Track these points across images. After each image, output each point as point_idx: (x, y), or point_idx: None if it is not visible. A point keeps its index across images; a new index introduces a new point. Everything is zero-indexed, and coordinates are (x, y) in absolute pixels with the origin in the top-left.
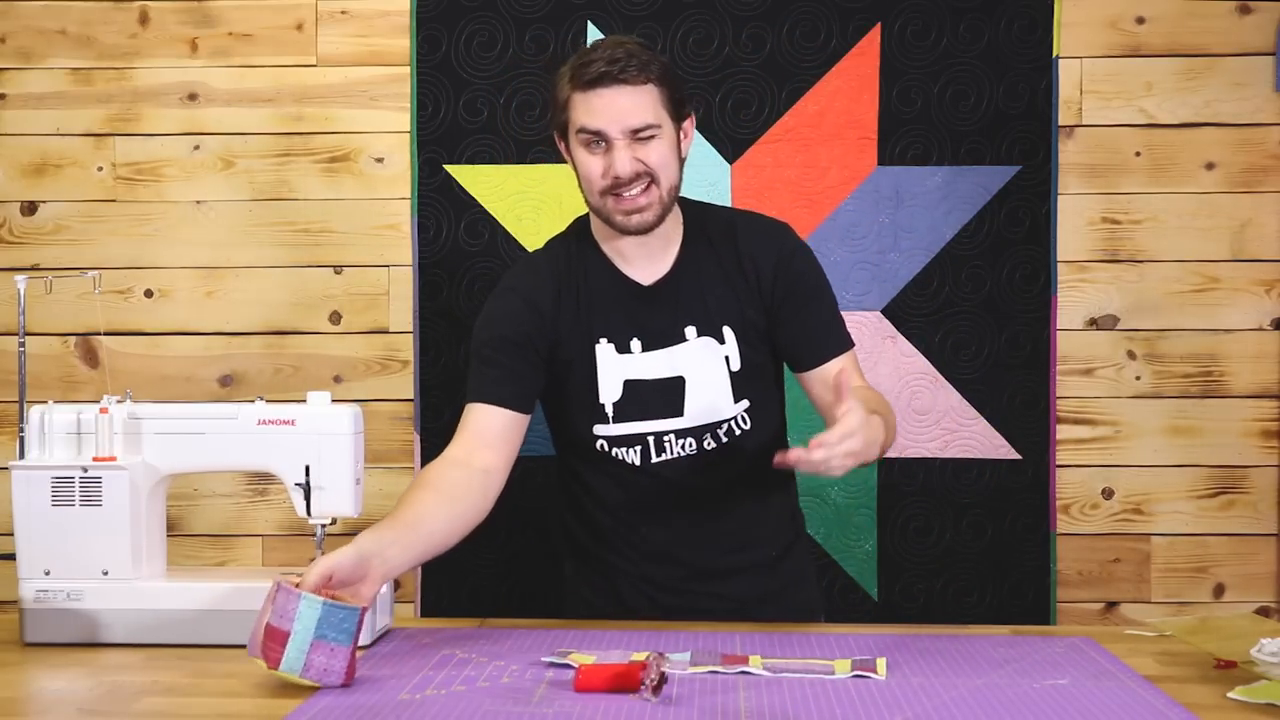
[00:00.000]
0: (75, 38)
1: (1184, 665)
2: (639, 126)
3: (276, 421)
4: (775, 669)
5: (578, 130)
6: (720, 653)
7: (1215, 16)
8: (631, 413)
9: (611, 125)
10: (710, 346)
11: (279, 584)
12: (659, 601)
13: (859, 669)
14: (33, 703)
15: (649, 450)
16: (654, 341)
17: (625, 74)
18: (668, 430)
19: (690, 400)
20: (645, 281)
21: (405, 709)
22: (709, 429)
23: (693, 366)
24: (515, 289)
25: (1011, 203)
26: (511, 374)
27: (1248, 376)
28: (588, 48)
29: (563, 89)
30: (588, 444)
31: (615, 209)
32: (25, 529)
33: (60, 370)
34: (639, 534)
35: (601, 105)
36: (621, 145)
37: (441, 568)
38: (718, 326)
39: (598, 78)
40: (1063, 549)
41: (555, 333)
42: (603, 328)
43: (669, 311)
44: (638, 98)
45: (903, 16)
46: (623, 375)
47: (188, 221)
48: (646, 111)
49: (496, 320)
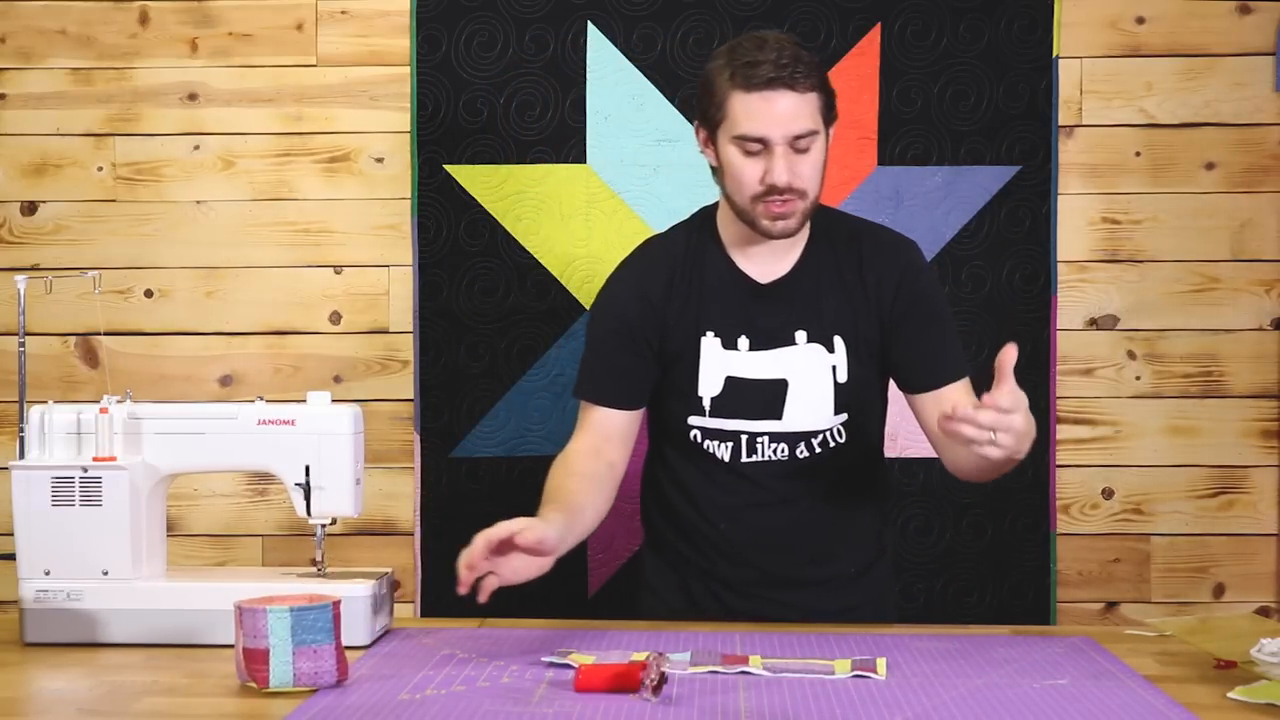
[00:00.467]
0: (75, 38)
1: (1184, 665)
2: (801, 133)
3: (276, 421)
4: (775, 669)
5: (737, 135)
6: (720, 652)
7: (1215, 16)
8: (729, 409)
9: (775, 131)
10: (818, 354)
11: (239, 606)
12: (727, 603)
13: (859, 669)
14: (33, 703)
15: (740, 449)
16: (762, 341)
17: (794, 79)
18: (762, 432)
19: (790, 405)
20: (762, 280)
21: (405, 709)
22: (804, 437)
23: (798, 371)
24: (627, 280)
25: (1011, 203)
26: (623, 371)
27: (1248, 376)
28: (749, 44)
29: (721, 85)
30: (682, 433)
31: (763, 213)
32: (25, 529)
33: (60, 370)
34: (719, 531)
35: (767, 111)
36: (780, 153)
37: (441, 568)
38: (829, 335)
39: (765, 82)
40: (1063, 549)
41: (664, 324)
42: (711, 321)
43: (782, 313)
44: (802, 105)
45: (903, 16)
46: (725, 371)
47: (188, 221)
48: (808, 118)
49: (608, 313)
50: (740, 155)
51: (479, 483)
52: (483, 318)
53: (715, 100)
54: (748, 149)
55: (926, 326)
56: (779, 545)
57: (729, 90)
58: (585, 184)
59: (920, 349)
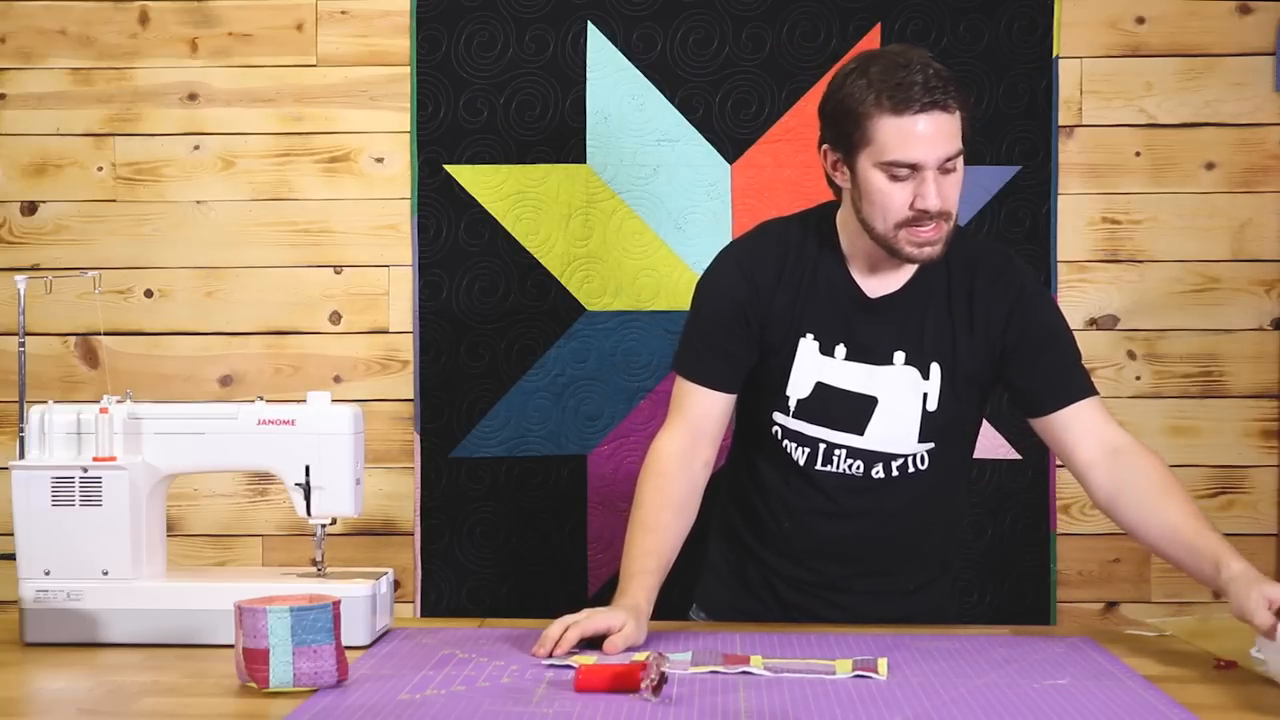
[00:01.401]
0: (75, 38)
1: (1184, 665)
2: (951, 155)
3: (276, 421)
4: (776, 669)
5: (887, 160)
6: (721, 652)
7: (1215, 16)
8: (814, 414)
9: (929, 155)
10: (913, 379)
11: (239, 606)
12: (780, 594)
13: (860, 669)
14: (33, 703)
15: (816, 456)
16: (860, 355)
17: (947, 102)
18: (841, 444)
19: (875, 423)
20: (871, 294)
21: (405, 709)
22: (883, 458)
23: (889, 392)
24: (739, 258)
25: (1011, 203)
26: (727, 355)
27: (1248, 376)
28: (893, 63)
29: (866, 106)
30: (764, 426)
31: (908, 239)
32: (25, 529)
33: (60, 370)
34: (782, 529)
35: (920, 135)
36: (932, 177)
37: (441, 568)
38: (927, 361)
39: (921, 105)
40: (1063, 549)
41: (768, 311)
42: (813, 323)
43: (884, 330)
44: (954, 126)
45: (903, 16)
46: (817, 376)
47: (188, 221)
48: (956, 139)
49: (716, 290)
50: (887, 181)
51: (479, 483)
52: (483, 318)
53: (860, 124)
54: (896, 174)
55: (1040, 352)
56: (837, 555)
57: (876, 114)
58: (585, 184)
59: (1035, 374)
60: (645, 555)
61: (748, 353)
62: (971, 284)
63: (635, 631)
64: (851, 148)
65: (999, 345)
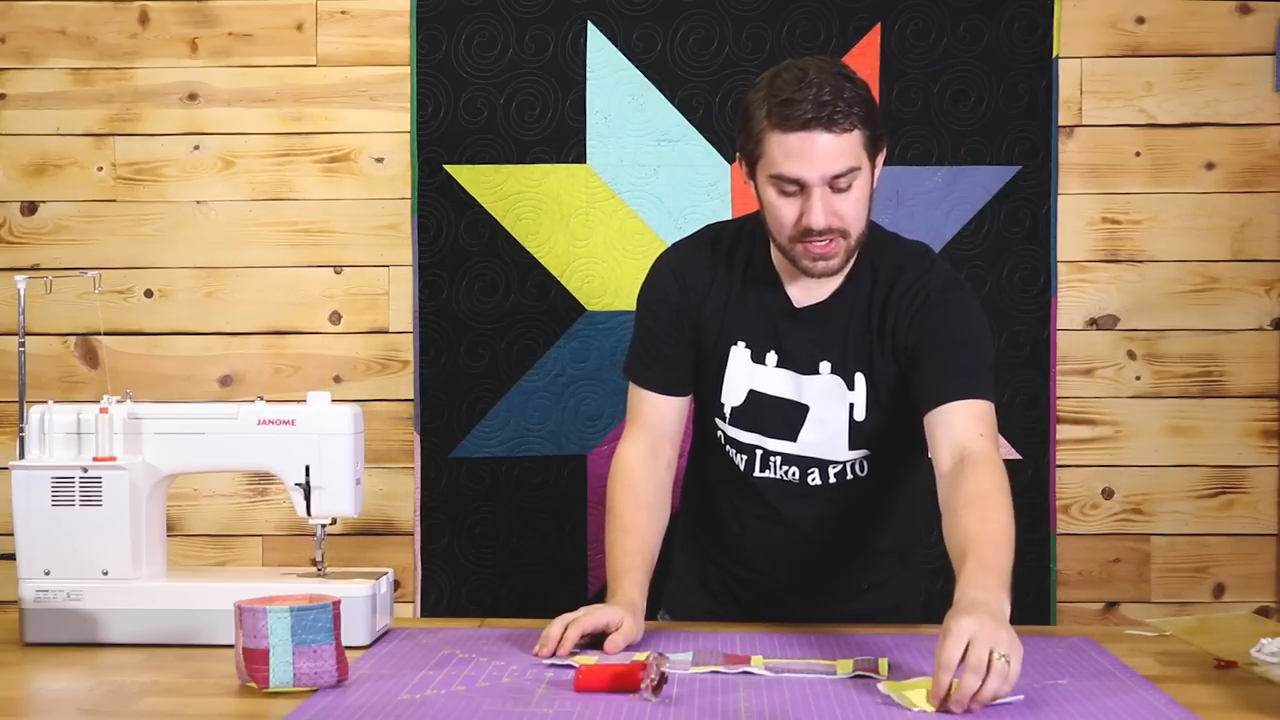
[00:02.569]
0: (75, 38)
1: (1184, 665)
2: (841, 172)
3: (276, 421)
4: (777, 669)
5: (773, 174)
6: (722, 652)
7: (1215, 16)
8: (748, 422)
9: (812, 174)
10: (839, 388)
11: (239, 606)
12: (740, 598)
13: (861, 669)
14: (33, 703)
15: (754, 462)
16: (789, 363)
17: (832, 120)
18: (776, 451)
19: (807, 431)
20: (799, 303)
21: (405, 709)
22: (818, 464)
23: (817, 401)
24: (673, 261)
25: (1011, 203)
26: (671, 360)
27: (1248, 376)
28: (789, 78)
29: (758, 120)
30: (711, 430)
31: (803, 254)
32: (25, 529)
33: (60, 370)
34: (733, 534)
35: (804, 152)
36: (818, 195)
37: (441, 568)
38: (851, 371)
39: (803, 123)
40: (1063, 549)
41: (700, 314)
42: (744, 331)
43: (811, 340)
44: (840, 145)
45: (903, 16)
46: (749, 384)
47: (188, 221)
48: (848, 157)
49: (652, 295)
50: (777, 195)
51: (479, 483)
52: (483, 318)
53: (752, 137)
54: (784, 189)
55: (930, 356)
56: (786, 559)
57: (765, 128)
58: (585, 184)
59: (920, 375)
60: (628, 555)
61: (689, 356)
62: (888, 293)
63: (633, 627)
64: (751, 159)
65: (903, 350)
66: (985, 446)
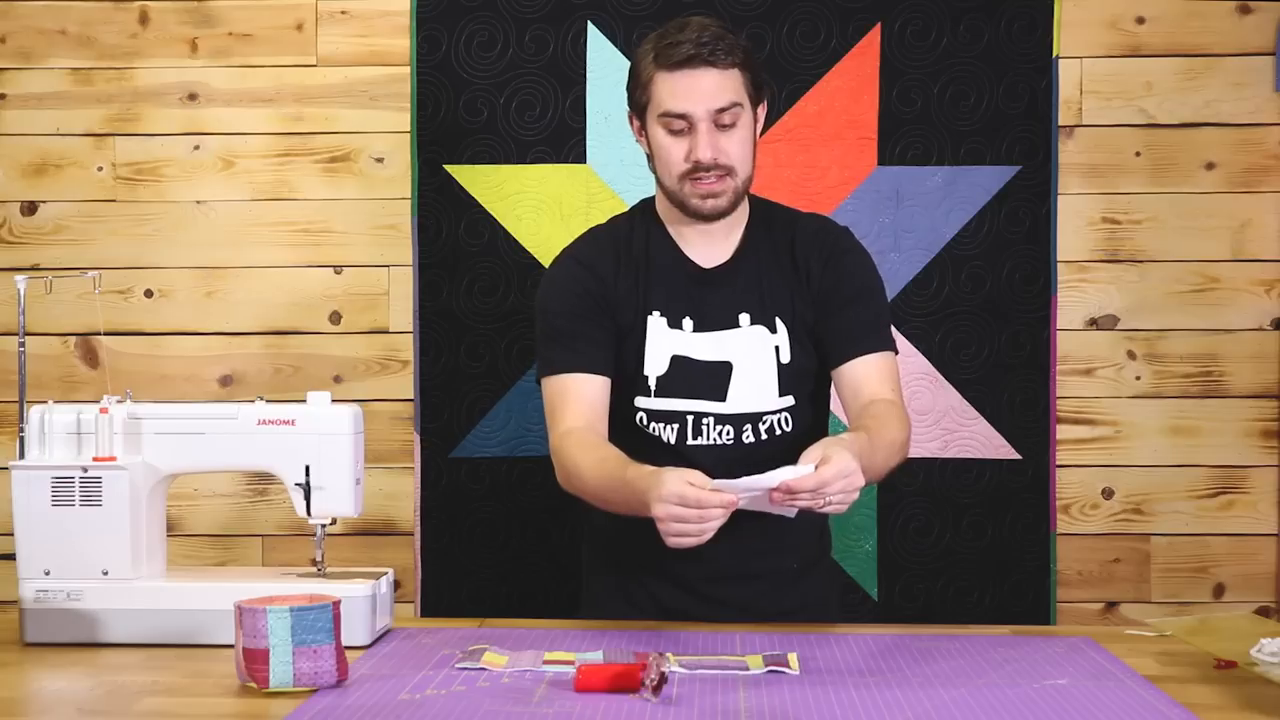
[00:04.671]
0: (75, 38)
1: (1184, 665)
2: (724, 106)
3: (276, 421)
4: (690, 665)
5: (661, 113)
6: (633, 650)
7: (1215, 16)
8: (674, 389)
9: (697, 107)
10: (762, 336)
11: (239, 606)
12: (662, 602)
13: (771, 664)
14: (33, 703)
15: (685, 431)
16: (707, 325)
17: (714, 56)
18: (708, 413)
19: (735, 387)
20: (705, 265)
21: (405, 709)
22: (749, 420)
23: (742, 353)
24: (575, 256)
25: (1011, 203)
26: (590, 339)
27: (1248, 376)
28: (672, 27)
29: (645, 67)
30: (627, 417)
31: (692, 192)
32: (25, 529)
33: (60, 370)
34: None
35: (687, 87)
36: (704, 129)
37: (441, 568)
38: (771, 316)
39: (685, 59)
40: (1063, 549)
41: (615, 298)
42: (658, 301)
43: (725, 296)
44: (724, 80)
45: (903, 16)
46: (671, 350)
47: (188, 221)
48: (730, 92)
49: (562, 290)
50: (666, 135)
51: (479, 483)
52: (483, 318)
53: (641, 82)
54: (672, 127)
55: (847, 303)
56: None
57: (653, 71)
58: (585, 184)
59: (838, 324)
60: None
61: (608, 336)
62: (792, 240)
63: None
64: (641, 109)
65: (817, 293)
66: (893, 398)
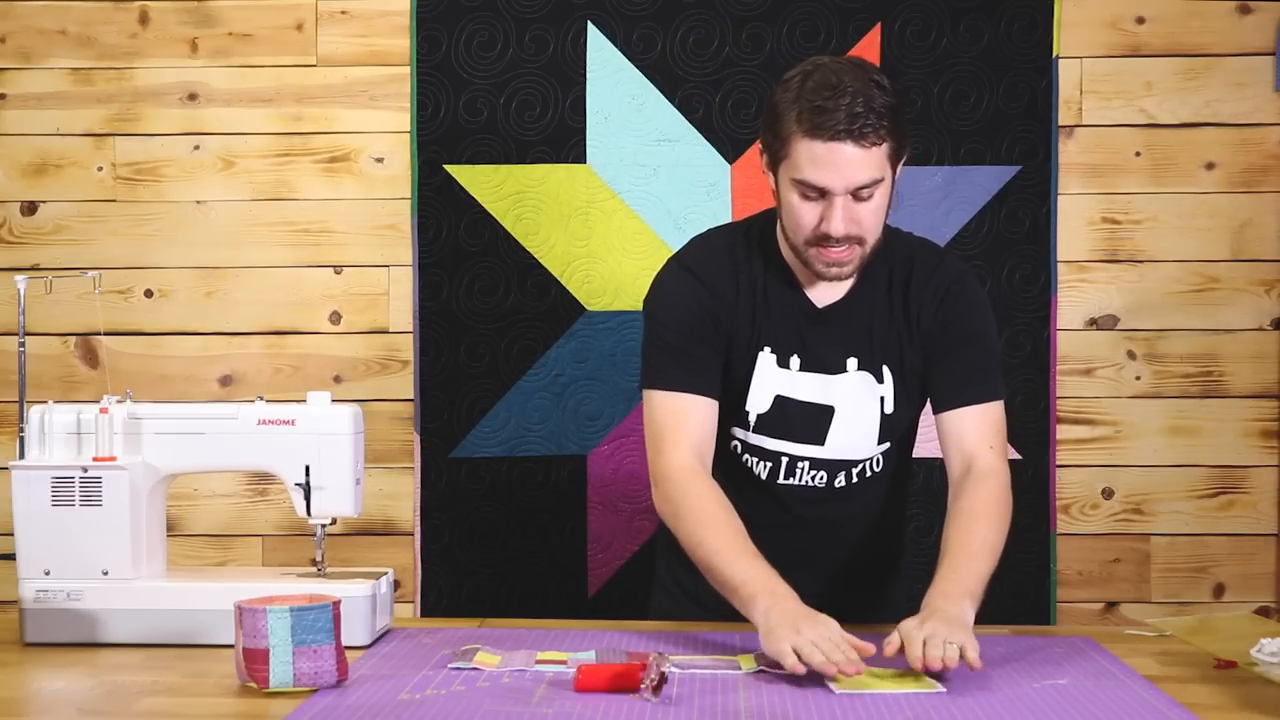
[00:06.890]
0: (75, 38)
1: (1184, 665)
2: (865, 184)
3: (276, 421)
4: (683, 665)
5: (798, 178)
6: (625, 651)
7: (1215, 16)
8: (773, 428)
9: (837, 184)
10: (869, 384)
11: (239, 606)
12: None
13: (763, 663)
14: (33, 703)
15: (779, 470)
16: (814, 365)
17: (863, 134)
18: (804, 456)
19: (835, 432)
20: (819, 303)
21: (405, 709)
22: (845, 465)
23: (846, 400)
24: (693, 270)
25: (1011, 203)
26: (707, 361)
27: (1248, 376)
28: (823, 86)
29: (787, 124)
30: (722, 441)
31: (818, 257)
32: (25, 529)
33: (60, 370)
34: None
35: (831, 162)
36: (841, 203)
37: (441, 568)
38: (879, 364)
39: (833, 134)
40: (1063, 549)
41: (733, 321)
42: (770, 337)
43: (835, 339)
44: (868, 157)
45: (903, 16)
46: (776, 389)
47: (188, 221)
48: (874, 169)
49: (683, 304)
50: (798, 198)
51: (479, 483)
52: (483, 318)
53: (780, 135)
54: (806, 194)
55: (950, 350)
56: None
57: (794, 130)
58: (585, 184)
59: (941, 371)
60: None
61: (720, 359)
62: (907, 282)
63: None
64: (774, 157)
65: (927, 338)
66: (993, 460)
